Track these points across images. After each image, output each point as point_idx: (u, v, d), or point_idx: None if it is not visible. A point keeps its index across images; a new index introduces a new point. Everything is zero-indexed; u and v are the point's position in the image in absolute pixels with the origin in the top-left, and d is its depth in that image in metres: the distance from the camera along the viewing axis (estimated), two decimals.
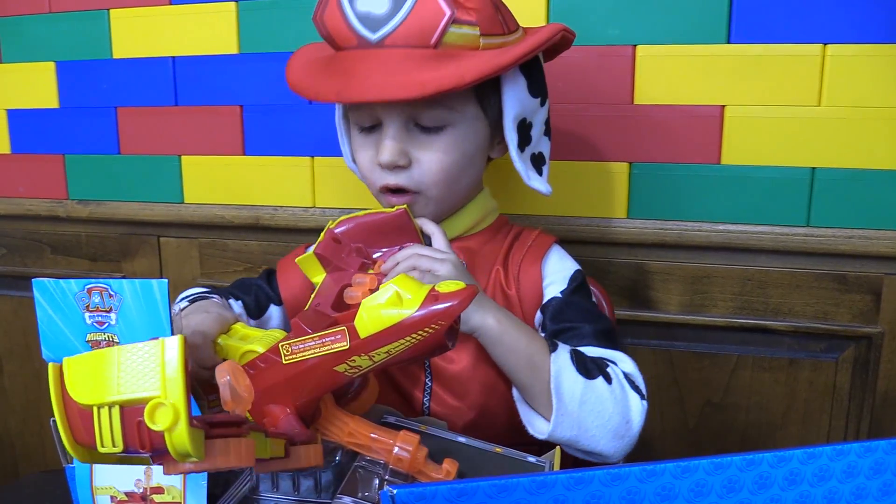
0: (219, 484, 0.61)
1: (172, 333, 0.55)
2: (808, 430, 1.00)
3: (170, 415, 0.40)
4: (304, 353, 0.54)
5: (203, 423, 0.43)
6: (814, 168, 0.93)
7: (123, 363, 0.42)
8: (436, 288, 0.52)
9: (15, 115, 1.24)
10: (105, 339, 0.57)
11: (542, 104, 0.77)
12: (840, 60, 0.90)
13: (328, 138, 1.09)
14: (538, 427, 0.68)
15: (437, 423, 0.62)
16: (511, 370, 0.70)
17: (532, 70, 0.74)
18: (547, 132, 0.80)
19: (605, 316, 0.80)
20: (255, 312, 0.84)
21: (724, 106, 0.94)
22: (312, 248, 0.69)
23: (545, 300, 0.78)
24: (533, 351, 0.68)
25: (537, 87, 0.76)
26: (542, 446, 0.66)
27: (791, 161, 0.94)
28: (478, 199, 0.81)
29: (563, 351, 0.69)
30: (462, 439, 0.61)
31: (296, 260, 0.70)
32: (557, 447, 0.61)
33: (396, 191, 0.75)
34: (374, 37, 0.69)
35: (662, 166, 0.98)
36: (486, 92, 0.73)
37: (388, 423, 0.61)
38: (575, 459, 0.74)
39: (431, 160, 0.73)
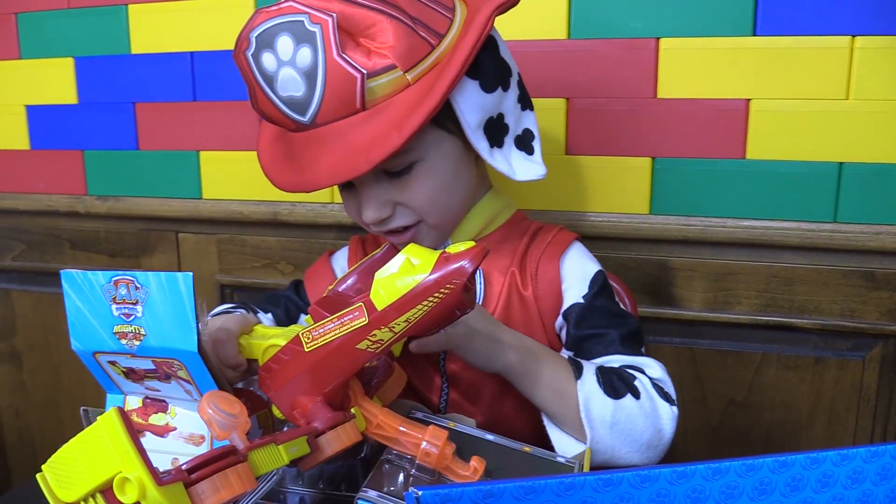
0: None
1: (198, 324, 0.55)
2: (834, 431, 0.99)
3: (135, 486, 0.40)
4: (324, 337, 0.54)
5: (176, 473, 0.42)
6: (841, 163, 0.92)
7: (83, 451, 0.42)
8: (446, 250, 0.52)
9: (34, 111, 1.24)
10: (132, 332, 0.57)
11: (507, 88, 0.72)
12: (868, 53, 0.88)
13: None
14: (571, 452, 0.66)
15: (466, 421, 0.62)
16: (539, 402, 0.69)
17: (480, 66, 0.68)
18: (525, 106, 0.75)
19: (630, 316, 0.77)
20: (287, 324, 0.84)
21: (749, 99, 0.93)
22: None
23: (566, 306, 0.75)
24: (558, 379, 0.67)
25: (494, 78, 0.70)
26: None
27: (818, 156, 0.92)
28: (484, 200, 0.78)
29: (589, 374, 0.67)
30: (490, 437, 0.60)
31: (304, 317, 0.69)
32: (587, 447, 0.60)
33: (397, 231, 0.73)
34: (305, 119, 0.67)
35: (686, 161, 0.96)
36: (439, 112, 0.66)
37: (416, 419, 0.61)
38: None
39: (414, 198, 0.71)
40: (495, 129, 0.71)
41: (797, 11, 0.90)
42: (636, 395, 0.67)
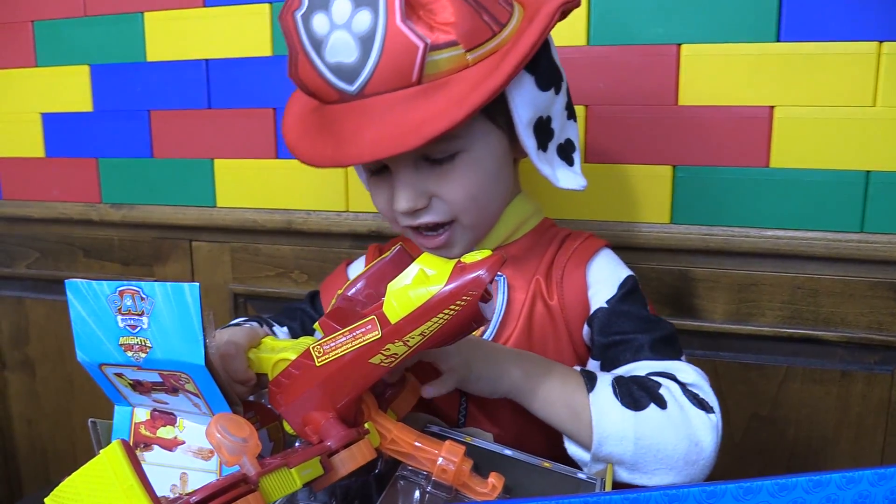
0: None
1: (205, 337, 0.53)
2: (861, 447, 0.96)
3: None
4: (336, 351, 0.52)
5: None
6: (868, 171, 0.89)
7: (88, 483, 0.41)
8: (461, 260, 0.50)
9: (49, 119, 1.24)
10: (138, 344, 0.55)
11: (558, 92, 0.70)
12: None
13: None
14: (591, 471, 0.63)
15: (483, 435, 0.60)
16: (553, 421, 0.64)
17: (538, 62, 0.67)
18: (571, 115, 0.74)
19: (662, 322, 0.72)
20: (302, 337, 0.82)
21: (773, 107, 0.91)
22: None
23: (591, 311, 0.72)
24: (569, 395, 0.63)
25: (548, 77, 0.68)
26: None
27: (844, 164, 0.90)
28: (513, 205, 0.76)
29: (604, 385, 0.63)
30: (509, 452, 0.58)
31: (314, 325, 0.68)
32: (610, 464, 0.58)
33: (428, 227, 0.70)
34: (352, 88, 0.63)
35: (708, 169, 0.94)
36: (492, 103, 0.65)
37: (432, 433, 0.59)
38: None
39: (452, 191, 0.68)
40: (543, 132, 0.69)
41: (822, 17, 0.88)
42: (661, 404, 0.61)
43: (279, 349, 0.61)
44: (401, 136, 0.61)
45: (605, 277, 0.73)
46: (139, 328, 0.55)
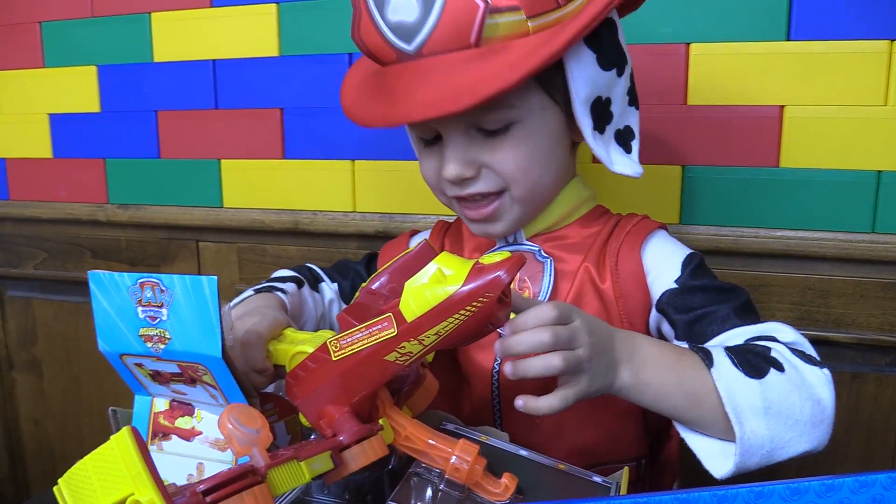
0: None
1: (222, 330, 0.54)
2: (872, 449, 0.95)
3: None
4: (352, 347, 0.52)
5: (191, 496, 0.41)
6: (879, 171, 0.88)
7: (98, 468, 0.42)
8: (479, 260, 0.50)
9: (57, 120, 1.25)
10: (157, 335, 0.56)
11: (621, 74, 0.68)
12: None
13: (369, 142, 1.07)
14: (718, 466, 0.57)
15: (499, 434, 0.59)
16: (668, 410, 0.59)
17: (600, 40, 0.65)
18: (633, 102, 0.72)
19: (738, 288, 0.69)
20: (350, 298, 0.82)
21: (783, 106, 0.90)
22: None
23: (656, 298, 0.69)
24: (686, 379, 0.57)
25: (611, 58, 0.66)
26: (603, 462, 0.62)
27: (855, 164, 0.89)
28: (569, 188, 0.74)
29: (721, 357, 0.58)
30: (524, 453, 0.58)
31: (336, 316, 0.67)
32: (626, 467, 0.57)
33: (475, 199, 0.69)
34: (410, 48, 0.63)
35: (717, 169, 0.94)
36: (550, 76, 0.65)
37: (447, 431, 0.59)
38: (653, 480, 0.69)
39: (503, 161, 0.67)
40: (601, 113, 0.68)
41: (833, 15, 0.87)
42: (779, 367, 0.57)
43: (298, 341, 0.62)
44: (453, 97, 0.60)
45: (663, 260, 0.71)
46: (159, 320, 0.55)
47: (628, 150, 0.71)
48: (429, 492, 0.53)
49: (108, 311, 0.57)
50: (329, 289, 0.81)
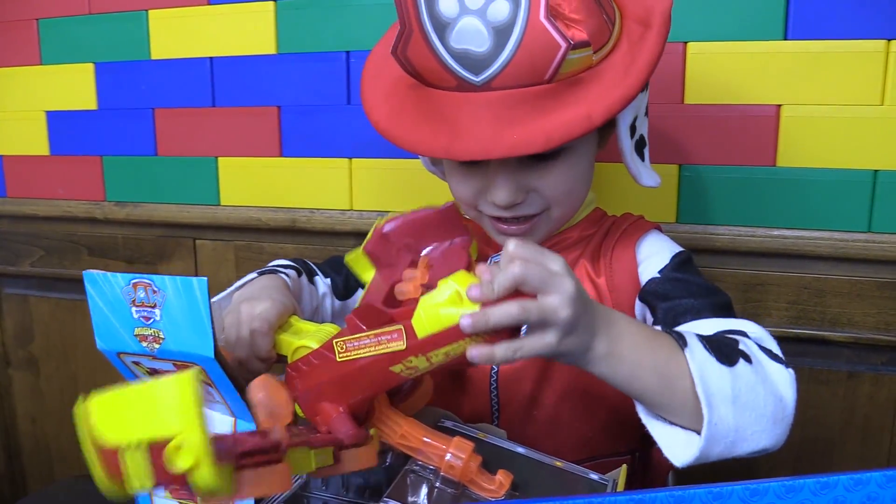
0: None
1: (214, 330, 0.54)
2: (868, 448, 0.95)
3: (190, 455, 0.39)
4: (358, 352, 0.52)
5: (230, 454, 0.41)
6: (876, 170, 0.89)
7: (144, 401, 0.41)
8: None
9: (54, 117, 1.24)
10: (151, 335, 0.56)
11: (646, 89, 0.70)
12: None
13: (366, 140, 1.07)
14: (680, 453, 0.55)
15: (496, 432, 0.60)
16: (638, 393, 0.56)
17: None
18: (646, 111, 0.73)
19: (721, 291, 0.69)
20: (343, 294, 0.82)
21: (780, 105, 0.90)
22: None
23: (643, 284, 0.70)
24: (660, 358, 0.55)
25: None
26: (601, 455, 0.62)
27: (851, 163, 0.89)
28: None
29: (694, 341, 0.56)
30: (521, 450, 0.58)
31: (345, 258, 0.66)
32: (623, 465, 0.57)
33: (517, 220, 0.68)
34: (477, 79, 0.60)
35: (714, 168, 0.94)
36: None
37: (444, 428, 0.59)
38: (644, 477, 0.69)
39: (553, 186, 0.66)
40: (634, 132, 0.69)
41: (830, 15, 0.87)
42: (748, 359, 0.56)
43: (303, 333, 0.62)
44: (528, 137, 0.59)
45: (655, 252, 0.72)
46: (152, 320, 0.56)
47: (643, 158, 0.72)
48: (424, 489, 0.53)
49: (104, 310, 0.57)
50: (322, 283, 0.81)
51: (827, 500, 0.43)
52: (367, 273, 0.65)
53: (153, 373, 0.60)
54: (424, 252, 0.63)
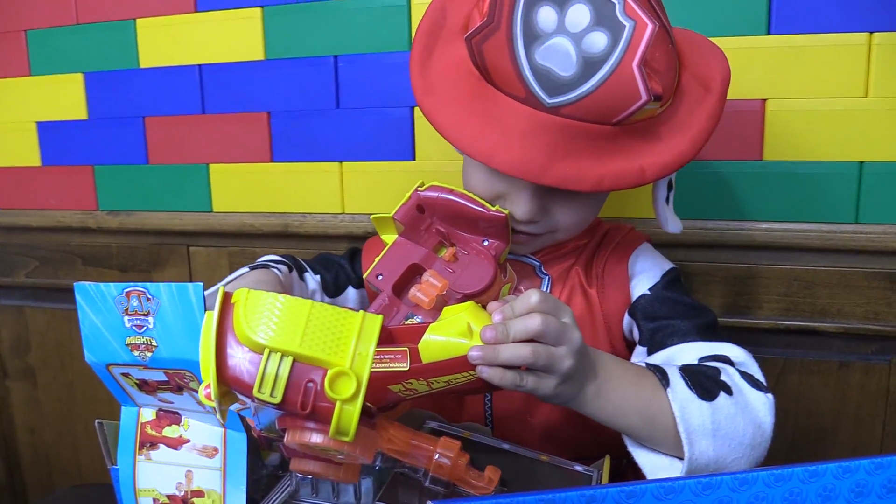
0: (259, 489, 0.60)
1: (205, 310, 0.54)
2: (860, 437, 0.96)
3: (351, 387, 0.40)
4: None
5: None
6: (862, 162, 0.89)
7: (314, 319, 0.41)
8: None
9: (45, 128, 1.25)
10: (144, 343, 0.56)
11: None
12: (887, 49, 0.86)
13: (357, 143, 1.07)
14: (667, 472, 0.59)
15: (481, 430, 0.60)
16: (622, 429, 0.60)
17: None
18: None
19: (706, 309, 0.70)
20: (333, 290, 0.82)
21: (765, 100, 0.91)
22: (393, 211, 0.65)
23: (633, 299, 0.71)
24: (643, 399, 0.58)
25: None
26: (593, 458, 0.62)
27: (837, 155, 0.90)
28: None
29: (676, 378, 0.59)
30: (506, 446, 0.59)
31: (371, 217, 0.64)
32: (607, 456, 0.58)
33: (524, 235, 0.69)
34: (549, 101, 0.58)
35: (702, 163, 0.94)
36: None
37: (430, 429, 0.60)
38: (630, 469, 0.70)
39: (570, 215, 0.67)
40: (670, 183, 0.71)
41: (812, 9, 0.88)
42: (728, 391, 0.59)
43: None
44: (579, 175, 0.59)
45: (647, 268, 0.73)
46: (145, 328, 0.56)
47: (668, 202, 0.72)
48: (415, 490, 0.53)
49: (95, 321, 0.58)
50: (312, 279, 0.82)
51: (816, 489, 0.43)
52: (389, 235, 0.64)
53: (142, 384, 0.60)
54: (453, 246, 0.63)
